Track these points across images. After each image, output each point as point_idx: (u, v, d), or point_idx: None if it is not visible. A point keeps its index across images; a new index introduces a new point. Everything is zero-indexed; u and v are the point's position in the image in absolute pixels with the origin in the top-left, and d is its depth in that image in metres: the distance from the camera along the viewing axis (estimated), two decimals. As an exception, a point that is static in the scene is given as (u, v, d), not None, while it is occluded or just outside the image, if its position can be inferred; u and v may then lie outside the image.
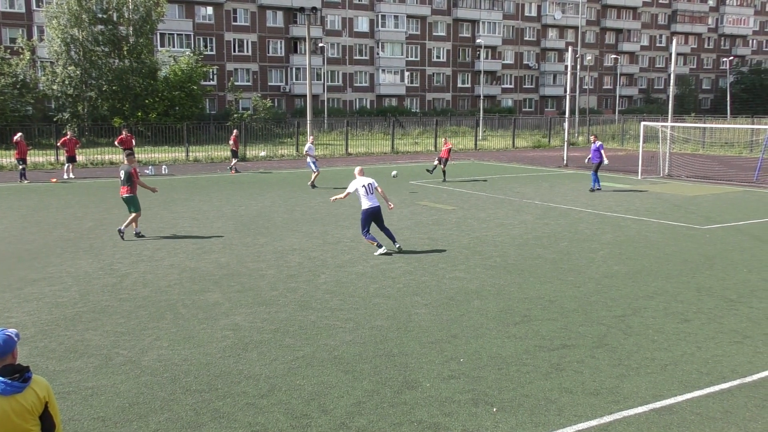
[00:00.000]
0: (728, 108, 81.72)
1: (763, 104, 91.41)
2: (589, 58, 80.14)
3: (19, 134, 27.61)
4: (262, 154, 38.94)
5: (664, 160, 30.39)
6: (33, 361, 8.12)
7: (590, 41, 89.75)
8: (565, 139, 36.50)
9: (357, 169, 14.47)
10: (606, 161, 24.40)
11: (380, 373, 7.82)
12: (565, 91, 42.78)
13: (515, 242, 15.30)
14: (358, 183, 14.02)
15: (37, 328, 9.29)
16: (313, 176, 25.26)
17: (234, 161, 31.27)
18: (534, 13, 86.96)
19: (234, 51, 69.87)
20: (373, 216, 13.96)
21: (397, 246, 14.08)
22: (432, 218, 18.44)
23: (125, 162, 16.25)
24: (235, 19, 69.75)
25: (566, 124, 37.01)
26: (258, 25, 70.88)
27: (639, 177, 28.63)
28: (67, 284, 11.61)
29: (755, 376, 7.80)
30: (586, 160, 25.35)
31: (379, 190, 14.17)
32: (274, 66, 72.22)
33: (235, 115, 53.54)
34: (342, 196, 14.54)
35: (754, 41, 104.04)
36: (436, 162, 27.58)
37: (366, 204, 13.90)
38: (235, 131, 31.85)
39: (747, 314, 10.08)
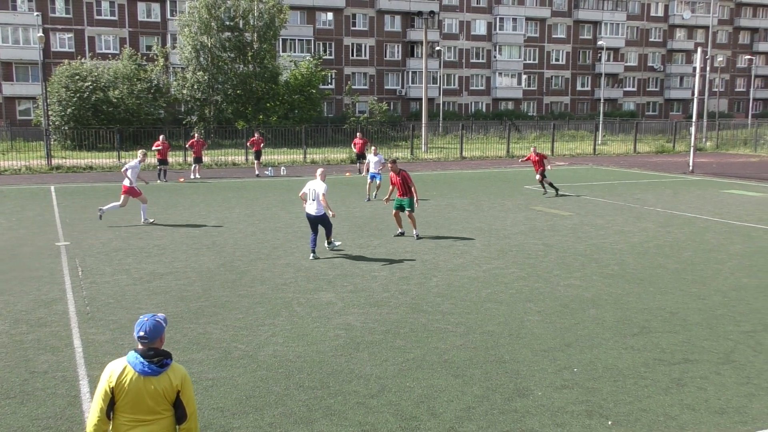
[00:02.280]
0: None
1: None
2: (721, 59, 75.78)
3: (162, 136, 29.21)
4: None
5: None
6: (159, 350, 8.58)
7: (722, 41, 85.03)
8: (692, 144, 34.74)
9: (318, 171, 14.24)
10: None
11: (491, 379, 7.73)
12: (693, 94, 40.73)
13: (635, 250, 14.71)
14: (307, 186, 13.97)
15: (163, 320, 9.81)
16: (372, 185, 22.83)
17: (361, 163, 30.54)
18: (661, 13, 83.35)
19: (352, 55, 71.18)
20: (309, 220, 14.00)
21: (312, 256, 13.80)
22: (547, 224, 18.04)
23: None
24: (354, 24, 71.07)
25: (693, 129, 35.24)
26: (376, 30, 71.89)
27: (773, 185, 26.85)
28: (191, 279, 12.20)
29: None
30: None
31: (321, 198, 13.58)
32: (390, 70, 73.01)
33: (352, 119, 54.54)
34: (300, 194, 14.36)
35: None
36: (538, 177, 23.74)
37: (306, 208, 13.91)
38: (358, 134, 31.90)
39: None
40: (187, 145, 33.39)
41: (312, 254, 13.93)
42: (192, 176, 29.71)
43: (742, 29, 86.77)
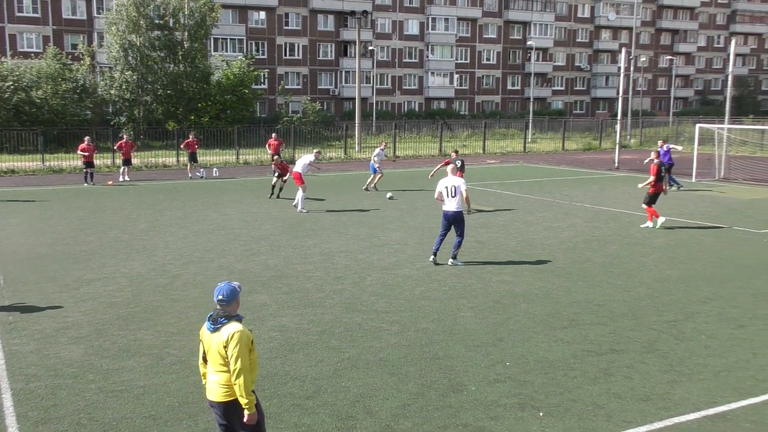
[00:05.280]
0: (789, 109, 79.20)
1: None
2: (644, 59, 78.28)
3: (87, 138, 28.24)
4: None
5: (720, 163, 29.59)
6: (88, 360, 8.36)
7: (645, 42, 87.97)
8: (617, 141, 35.86)
9: (449, 168, 13.67)
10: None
11: (426, 376, 7.81)
12: (618, 92, 42.04)
13: (564, 245, 15.10)
14: (441, 184, 13.26)
15: (92, 327, 9.55)
16: (373, 179, 25.13)
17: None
18: (587, 15, 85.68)
19: (285, 55, 70.68)
20: (447, 219, 13.28)
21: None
22: (479, 221, 18.32)
23: None
24: (287, 24, 70.57)
25: (618, 127, 36.35)
26: (309, 29, 71.56)
27: (693, 180, 27.94)
28: (121, 285, 11.91)
29: (814, 386, 7.54)
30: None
31: (464, 193, 13.13)
32: (324, 69, 72.83)
33: (285, 119, 54.13)
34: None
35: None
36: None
37: (444, 206, 13.26)
38: (273, 135, 31.94)
39: (806, 321, 9.75)
40: (115, 147, 32.51)
41: (433, 257, 13.30)
42: (121, 179, 28.95)
43: (664, 30, 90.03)
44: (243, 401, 5.00)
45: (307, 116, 56.61)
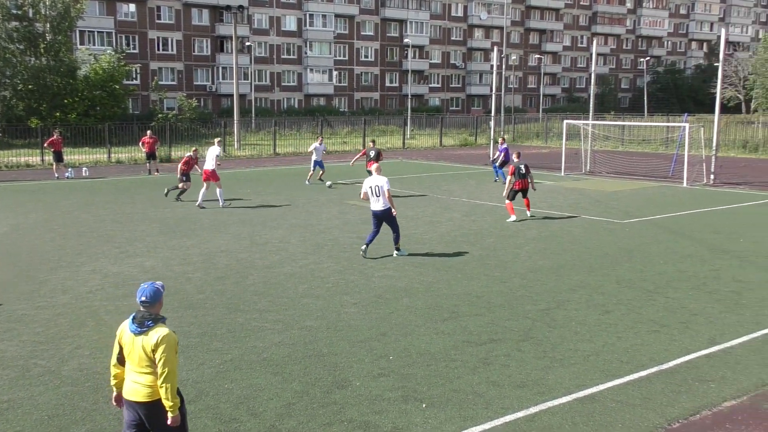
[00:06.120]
0: (645, 106, 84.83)
1: (677, 103, 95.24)
2: (514, 57, 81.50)
3: None
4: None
5: (586, 157, 31.29)
6: (-56, 374, 7.74)
7: (515, 41, 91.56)
8: (491, 137, 37.15)
9: (374, 167, 14.28)
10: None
11: (310, 374, 7.79)
12: (491, 90, 43.56)
13: (443, 239, 15.49)
14: (366, 184, 13.85)
15: (-52, 340, 8.86)
16: (316, 173, 25.98)
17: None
18: (460, 14, 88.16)
19: (158, 49, 68.29)
20: (375, 217, 13.94)
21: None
22: (361, 217, 18.46)
23: None
24: (158, 17, 68.15)
25: (492, 123, 37.66)
26: (183, 23, 69.47)
27: (562, 174, 29.39)
28: (-19, 293, 11.11)
29: (671, 363, 8.13)
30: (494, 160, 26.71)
31: (386, 193, 13.50)
32: (199, 65, 70.96)
33: (160, 116, 52.27)
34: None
35: (669, 42, 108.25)
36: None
37: (372, 205, 13.88)
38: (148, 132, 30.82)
39: (663, 304, 10.49)
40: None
41: (365, 247, 13.68)
42: (-22, 180, 27.01)
43: (532, 30, 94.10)
44: (168, 404, 5.05)
45: (183, 113, 54.95)
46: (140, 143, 30.62)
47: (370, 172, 23.88)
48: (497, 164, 26.71)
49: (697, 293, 11.11)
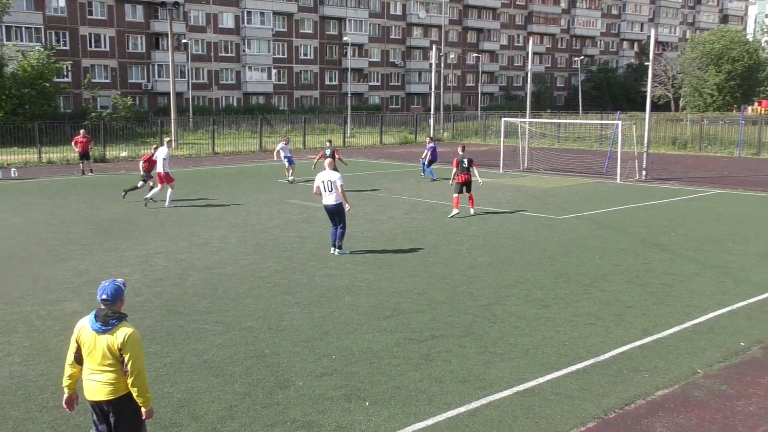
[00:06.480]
0: (580, 105, 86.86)
1: (610, 101, 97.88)
2: (453, 56, 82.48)
3: None
4: (123, 154, 37.32)
5: (524, 155, 31.86)
6: None
7: (453, 40, 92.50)
8: (431, 135, 37.44)
9: (326, 162, 14.18)
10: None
11: (252, 375, 7.73)
12: (431, 88, 43.88)
13: (384, 237, 15.55)
14: (319, 178, 13.79)
15: None
16: (292, 170, 26.16)
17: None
18: (399, 12, 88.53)
19: (90, 46, 66.43)
20: (328, 212, 14.00)
21: None
22: (302, 216, 18.39)
23: None
24: (90, 13, 66.29)
25: (432, 121, 37.97)
26: (116, 20, 67.75)
27: (501, 171, 29.85)
28: None
29: (607, 355, 8.36)
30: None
31: (339, 189, 13.61)
32: (134, 62, 69.35)
33: (93, 114, 50.87)
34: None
35: (602, 42, 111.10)
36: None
37: (323, 200, 13.89)
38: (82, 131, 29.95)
39: (599, 297, 10.78)
40: None
41: (333, 248, 13.74)
42: None
43: (470, 29, 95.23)
44: (140, 400, 5.11)
45: (118, 112, 53.61)
46: (73, 143, 29.72)
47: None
48: (425, 162, 27.26)
49: (630, 286, 11.45)
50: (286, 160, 26.25)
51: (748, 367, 8.04)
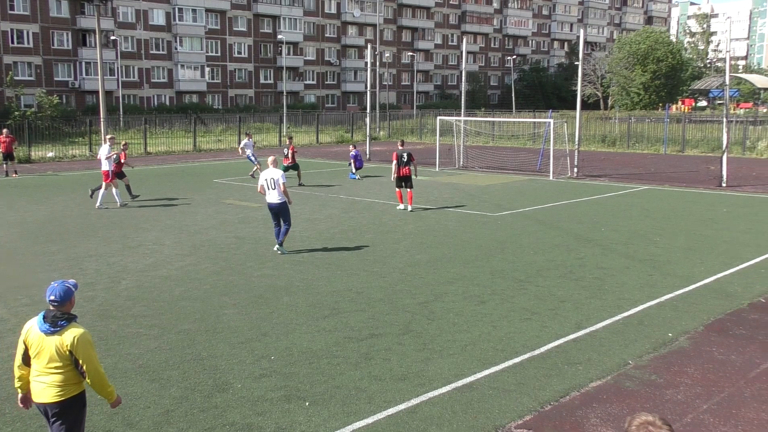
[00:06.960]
0: (513, 103, 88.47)
1: (542, 99, 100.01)
2: (388, 55, 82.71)
3: None
4: (50, 155, 36.11)
5: (459, 153, 32.24)
6: None
7: (388, 39, 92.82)
8: (367, 134, 37.52)
9: (270, 159, 14.15)
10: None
11: (189, 379, 7.59)
12: (366, 87, 43.93)
13: (322, 236, 15.50)
14: (263, 177, 13.79)
15: None
16: (255, 168, 26.49)
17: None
18: (334, 11, 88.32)
19: (12, 42, 63.94)
20: (271, 211, 13.98)
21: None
22: (238, 216, 18.16)
23: None
24: (12, 7, 63.79)
25: (368, 120, 38.04)
26: (40, 15, 65.42)
27: (437, 169, 30.13)
28: None
29: (543, 348, 8.55)
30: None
31: (281, 186, 13.64)
32: (60, 60, 67.13)
33: (16, 113, 49.01)
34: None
35: (533, 42, 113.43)
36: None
37: (267, 198, 13.91)
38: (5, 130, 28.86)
39: (534, 293, 11.00)
40: None
41: (277, 246, 13.71)
42: None
43: (405, 28, 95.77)
44: (105, 394, 5.19)
45: (44, 111, 51.81)
46: None
47: (286, 168, 24.12)
48: (353, 170, 27.00)
49: (564, 281, 11.73)
50: (252, 157, 27.05)
51: (675, 357, 8.34)
